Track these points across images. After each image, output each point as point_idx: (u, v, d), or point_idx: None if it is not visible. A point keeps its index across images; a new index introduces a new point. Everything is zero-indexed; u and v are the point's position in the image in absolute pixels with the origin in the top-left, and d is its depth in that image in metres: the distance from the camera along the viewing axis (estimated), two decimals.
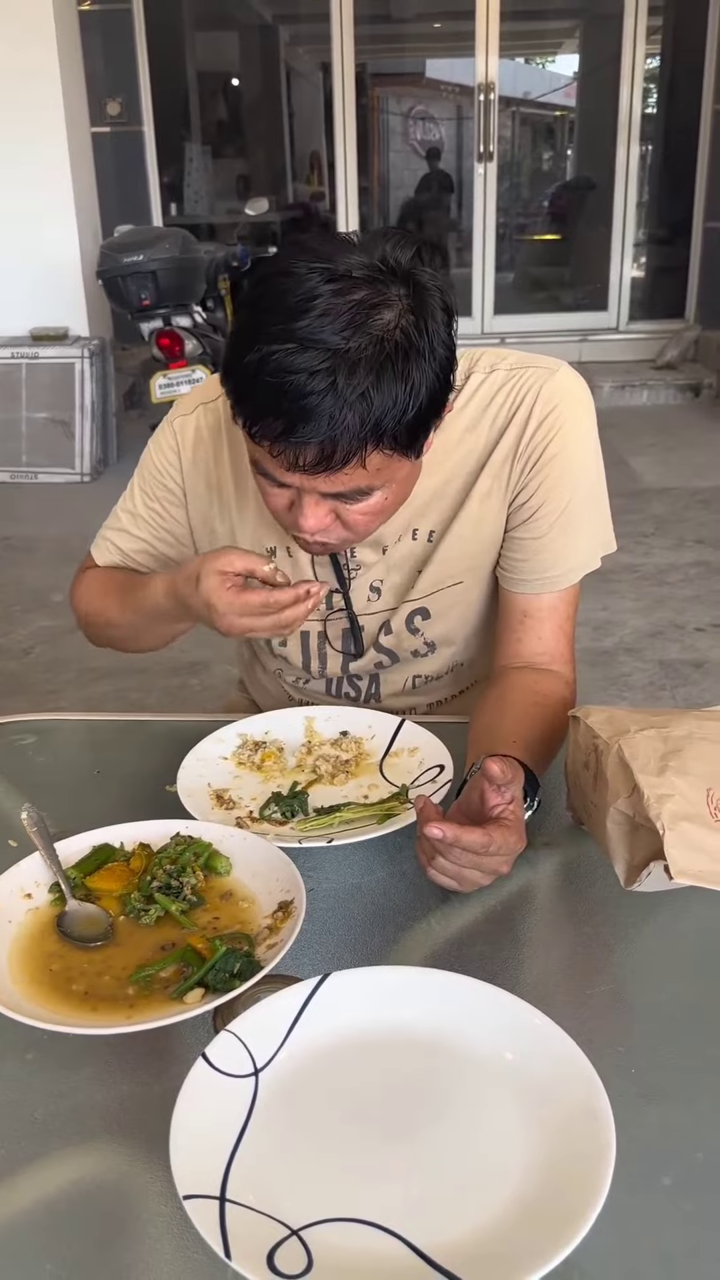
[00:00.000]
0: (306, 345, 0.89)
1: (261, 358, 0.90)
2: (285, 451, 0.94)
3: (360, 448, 0.93)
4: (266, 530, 1.23)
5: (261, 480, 1.03)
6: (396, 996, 0.80)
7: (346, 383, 0.89)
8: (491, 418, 1.16)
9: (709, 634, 3.44)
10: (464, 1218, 0.65)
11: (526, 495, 1.16)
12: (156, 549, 1.30)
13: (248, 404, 0.94)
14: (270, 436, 0.93)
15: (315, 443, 0.92)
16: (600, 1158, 0.65)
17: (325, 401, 0.89)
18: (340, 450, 0.92)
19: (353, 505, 1.01)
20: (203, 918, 0.91)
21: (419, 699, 1.34)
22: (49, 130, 5.34)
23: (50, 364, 5.23)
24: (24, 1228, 0.68)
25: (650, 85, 6.85)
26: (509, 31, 6.57)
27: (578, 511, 1.17)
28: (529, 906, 0.97)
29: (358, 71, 6.60)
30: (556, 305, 7.81)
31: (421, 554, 1.21)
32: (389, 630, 1.26)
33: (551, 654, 1.20)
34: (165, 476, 1.25)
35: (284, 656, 1.30)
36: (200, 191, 7.38)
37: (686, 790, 0.87)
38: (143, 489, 1.28)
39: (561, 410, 1.14)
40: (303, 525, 1.02)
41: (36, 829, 0.98)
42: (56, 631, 3.53)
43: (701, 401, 6.16)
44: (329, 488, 0.98)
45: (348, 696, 1.34)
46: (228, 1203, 0.65)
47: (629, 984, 0.89)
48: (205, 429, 1.23)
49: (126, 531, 1.30)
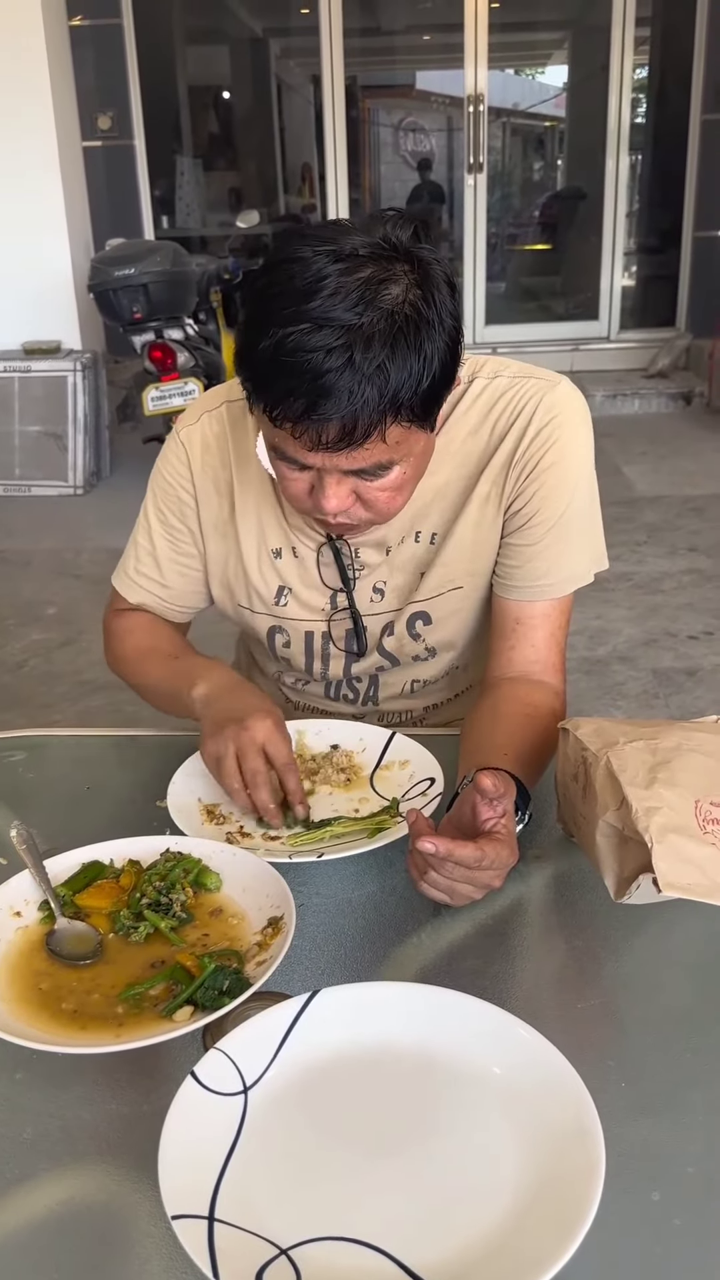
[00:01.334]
0: (320, 324, 0.91)
1: (277, 341, 0.92)
2: (307, 431, 0.95)
3: (380, 421, 0.94)
4: (272, 532, 1.24)
5: (281, 466, 1.04)
6: (387, 1012, 0.79)
7: (363, 357, 0.91)
8: (492, 423, 1.17)
9: (702, 642, 3.44)
10: (453, 1235, 0.65)
11: (522, 503, 1.18)
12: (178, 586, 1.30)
13: (267, 388, 0.95)
14: (292, 418, 0.94)
15: (336, 419, 0.93)
16: (590, 1174, 0.65)
17: (344, 378, 0.91)
18: (361, 425, 0.93)
19: (373, 482, 1.02)
20: (192, 935, 0.91)
21: (416, 702, 1.35)
22: (40, 144, 5.36)
23: (43, 377, 5.23)
24: (12, 1249, 0.68)
25: (639, 95, 6.87)
26: (498, 43, 6.61)
27: (572, 522, 1.18)
28: (520, 920, 0.97)
29: (348, 84, 6.64)
30: (548, 315, 7.84)
31: (424, 557, 1.22)
32: (391, 632, 1.26)
33: (543, 663, 1.20)
34: (178, 489, 1.26)
35: (286, 659, 1.31)
36: (191, 204, 7.40)
37: (675, 802, 0.88)
38: (156, 509, 1.28)
39: (560, 421, 1.16)
40: (325, 506, 1.02)
41: (26, 846, 0.98)
42: (50, 645, 3.53)
43: (693, 410, 6.18)
44: (350, 464, 0.98)
45: (345, 699, 1.34)
46: (216, 1222, 0.65)
47: (619, 997, 0.89)
48: (211, 436, 1.24)
49: (149, 577, 1.30)
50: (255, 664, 1.43)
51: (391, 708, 1.34)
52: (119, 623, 1.34)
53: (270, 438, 1.02)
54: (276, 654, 1.31)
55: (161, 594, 1.30)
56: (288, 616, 1.27)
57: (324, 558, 1.23)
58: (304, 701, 1.38)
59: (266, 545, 1.24)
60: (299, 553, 1.24)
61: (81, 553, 4.33)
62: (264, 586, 1.26)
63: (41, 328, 5.43)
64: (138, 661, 1.30)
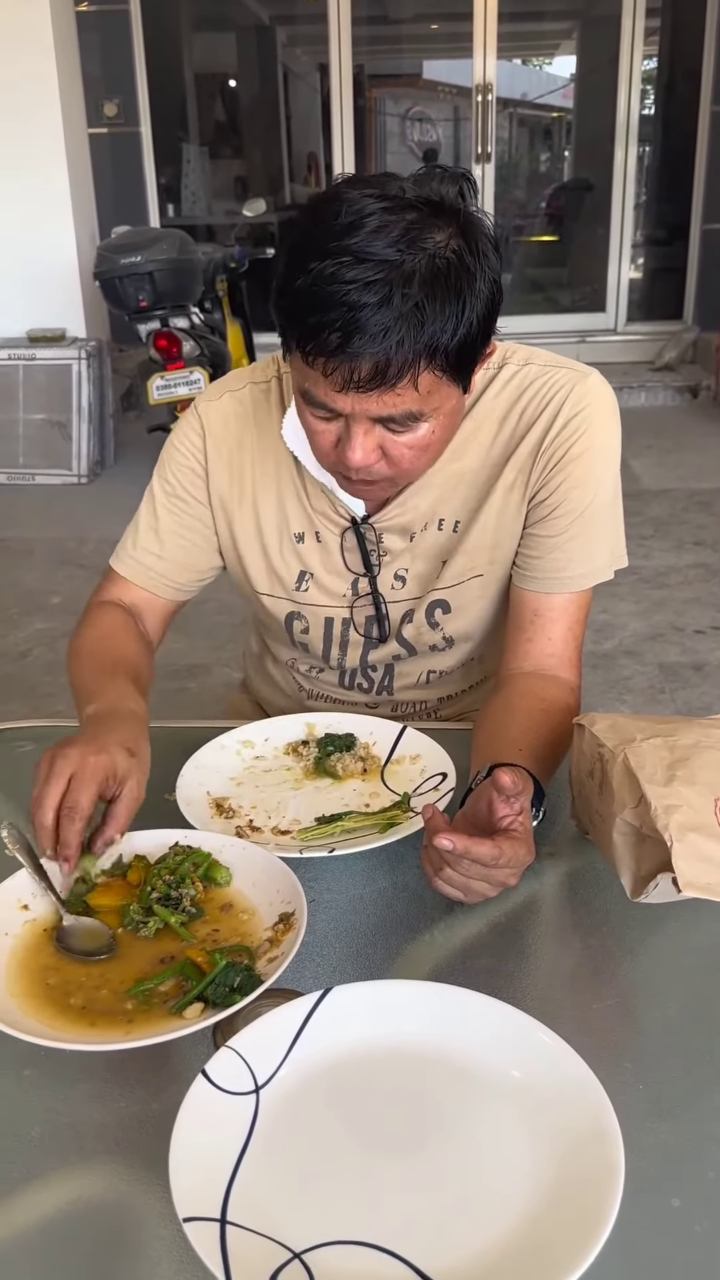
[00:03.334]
0: (360, 258, 0.89)
1: (315, 274, 0.91)
2: (340, 368, 0.93)
3: (413, 363, 0.93)
4: (295, 516, 1.22)
5: (310, 417, 1.02)
6: (400, 1011, 0.78)
7: (401, 295, 0.90)
8: (520, 411, 1.16)
9: (709, 636, 3.42)
10: (469, 1240, 0.64)
11: (547, 493, 1.16)
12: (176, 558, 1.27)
13: (300, 321, 0.93)
14: (324, 353, 0.92)
15: (369, 356, 0.91)
16: (609, 1179, 0.64)
17: (380, 314, 0.90)
18: (394, 365, 0.92)
19: (401, 436, 1.00)
20: (202, 930, 0.90)
21: (430, 693, 1.34)
22: (46, 131, 5.33)
23: (47, 365, 5.21)
24: (19, 1249, 0.67)
25: (648, 87, 6.83)
26: (506, 33, 6.56)
27: (595, 516, 1.17)
28: (534, 918, 0.96)
29: (355, 73, 6.59)
30: (554, 306, 7.80)
31: (446, 544, 1.21)
32: (410, 620, 1.25)
33: (559, 657, 1.19)
34: (190, 459, 1.24)
35: (304, 644, 1.30)
36: (197, 193, 7.36)
37: (694, 800, 0.86)
38: (163, 480, 1.25)
39: (589, 413, 1.14)
40: (350, 458, 1.00)
41: (19, 846, 0.96)
42: (54, 634, 3.51)
43: (700, 403, 6.16)
44: (380, 409, 0.97)
45: (360, 688, 1.33)
46: (229, 1225, 0.64)
47: (636, 997, 0.87)
48: (231, 416, 1.23)
49: (147, 550, 1.26)
50: (268, 651, 1.42)
51: (406, 698, 1.33)
52: (94, 612, 1.28)
53: (301, 382, 1.00)
54: (294, 640, 1.30)
55: (157, 566, 1.27)
56: (308, 602, 1.25)
57: (348, 543, 1.22)
58: (318, 690, 1.37)
59: (289, 529, 1.23)
60: (322, 537, 1.22)
61: (85, 542, 4.31)
62: (285, 571, 1.24)
63: (46, 315, 5.41)
64: (80, 657, 1.23)
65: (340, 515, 1.20)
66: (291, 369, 1.01)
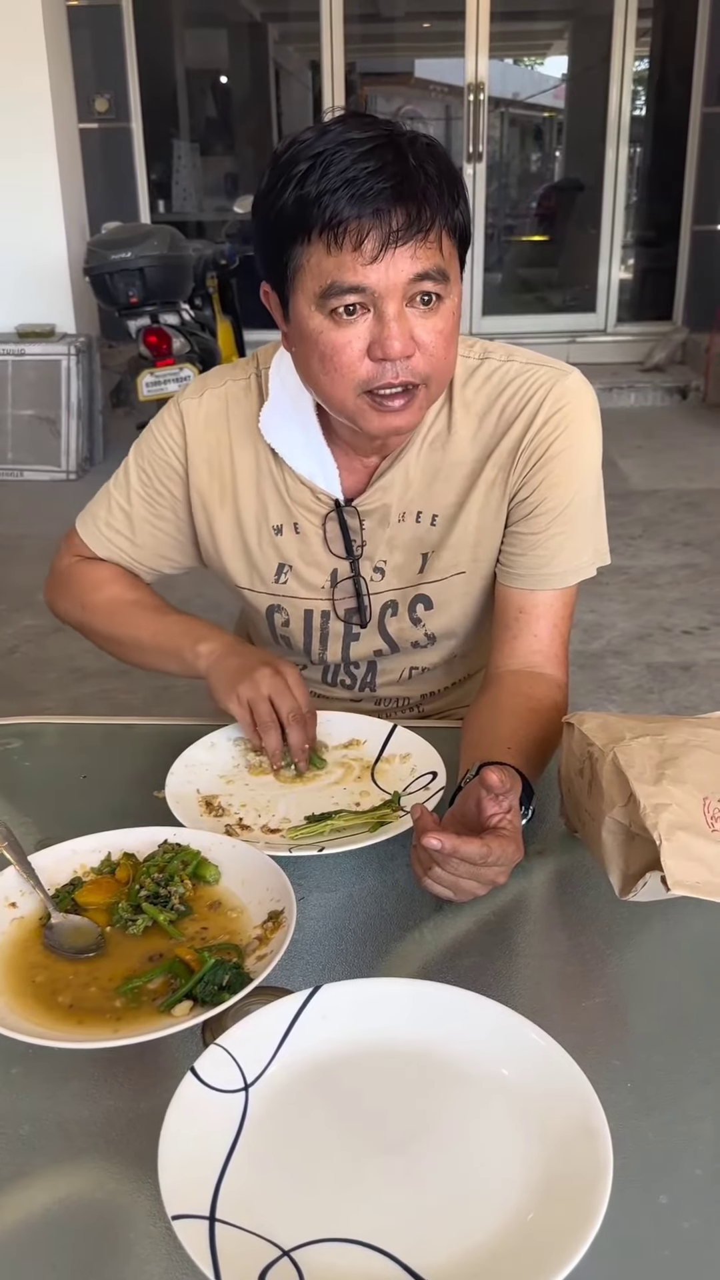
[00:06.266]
0: (357, 135, 0.95)
1: (320, 155, 0.94)
2: (375, 227, 0.95)
3: (438, 209, 0.97)
4: (274, 508, 1.22)
5: (335, 331, 1.01)
6: (389, 1009, 0.78)
7: (410, 152, 0.96)
8: (501, 407, 1.16)
9: (696, 636, 3.44)
10: (459, 1238, 0.64)
11: (528, 491, 1.17)
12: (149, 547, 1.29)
13: (316, 202, 0.95)
14: (355, 211, 0.94)
15: (401, 204, 0.95)
16: (598, 1177, 0.64)
17: (398, 158, 0.95)
18: (427, 208, 0.96)
19: (429, 320, 1.01)
20: (191, 928, 0.90)
21: (413, 689, 1.34)
22: (36, 126, 5.30)
23: (36, 361, 5.19)
24: (8, 1247, 0.67)
25: (639, 87, 6.84)
26: (498, 32, 6.56)
27: (577, 513, 1.18)
28: (523, 916, 0.96)
29: (347, 70, 6.59)
30: (545, 306, 7.81)
31: (425, 538, 1.21)
32: (394, 613, 1.26)
33: (545, 654, 1.19)
34: (169, 454, 1.24)
35: (286, 638, 1.30)
36: (188, 189, 7.34)
37: (683, 799, 0.86)
38: (139, 470, 1.26)
39: (570, 411, 1.15)
40: (390, 347, 0.99)
41: (6, 844, 0.95)
42: (42, 631, 3.50)
43: (689, 404, 6.18)
44: (414, 265, 0.97)
45: (343, 684, 1.34)
46: (218, 1222, 0.64)
47: (624, 995, 0.88)
48: (213, 413, 1.23)
49: (120, 533, 1.29)
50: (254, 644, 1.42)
51: (388, 694, 1.34)
52: (86, 571, 1.31)
53: (322, 282, 0.99)
54: (276, 634, 1.30)
55: (131, 552, 1.29)
56: (287, 594, 1.26)
57: (330, 530, 1.22)
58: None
59: (268, 522, 1.23)
60: (301, 528, 1.22)
61: None
62: (264, 564, 1.25)
63: (36, 311, 5.39)
64: (120, 613, 1.27)
65: (321, 501, 1.21)
66: (307, 279, 1.00)
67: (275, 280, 1.05)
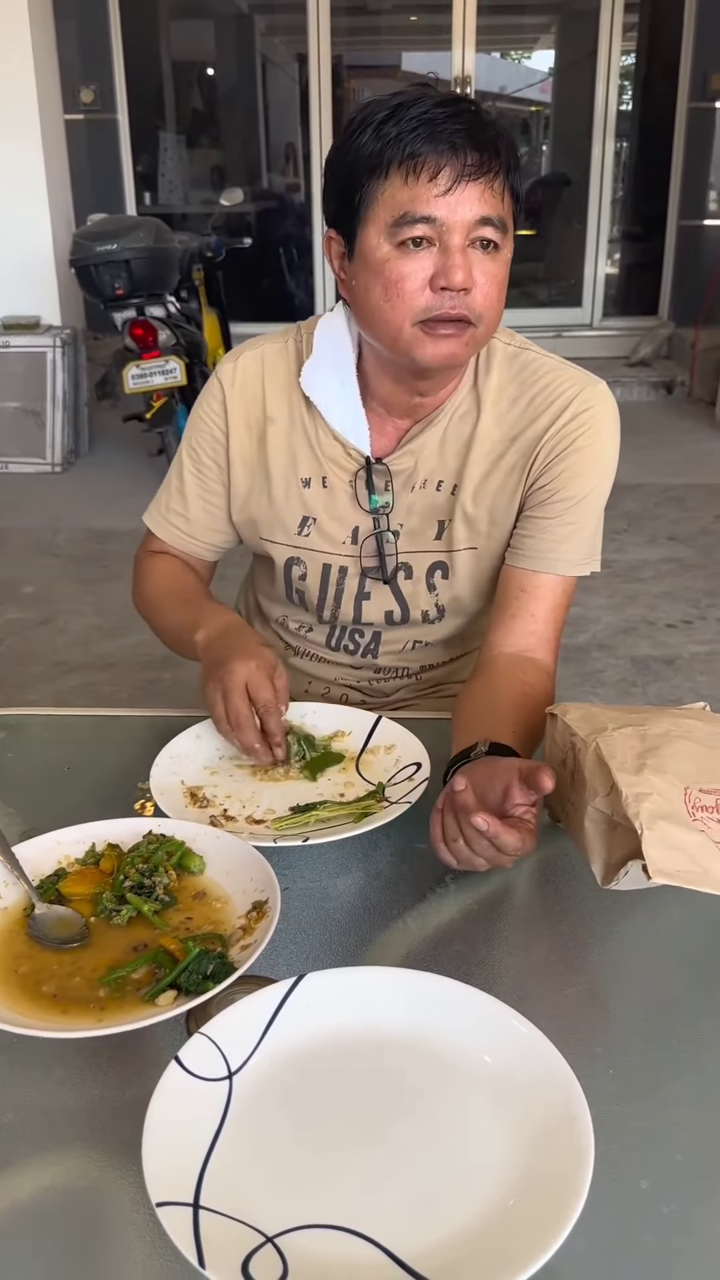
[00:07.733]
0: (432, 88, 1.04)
1: (397, 105, 1.03)
2: (451, 161, 1.02)
3: (505, 160, 1.05)
4: (304, 461, 1.26)
5: (398, 259, 1.06)
6: (373, 998, 0.79)
7: (482, 110, 1.05)
8: (531, 397, 1.21)
9: (680, 630, 3.45)
10: (442, 1223, 0.64)
11: (547, 479, 1.21)
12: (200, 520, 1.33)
13: (395, 140, 1.03)
14: (432, 147, 1.02)
15: (475, 146, 1.02)
16: (579, 1163, 0.65)
17: (470, 110, 1.04)
18: (500, 154, 1.04)
19: (487, 263, 1.07)
20: (175, 918, 0.90)
21: (413, 660, 1.37)
22: (21, 117, 5.28)
23: (21, 353, 5.16)
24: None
25: (626, 82, 6.84)
26: (485, 26, 6.56)
27: (589, 509, 1.23)
28: (506, 905, 0.97)
29: (333, 63, 6.57)
30: (530, 301, 7.80)
31: (440, 505, 1.25)
32: (410, 575, 1.28)
33: (540, 636, 1.22)
34: (211, 425, 1.28)
35: (300, 593, 1.33)
36: (174, 181, 7.31)
37: (664, 789, 0.87)
38: (190, 447, 1.30)
39: (596, 413, 1.21)
40: (453, 277, 1.05)
41: None
42: (27, 624, 3.49)
43: (674, 399, 6.19)
44: (481, 207, 1.04)
45: (346, 650, 1.37)
46: (201, 1209, 0.64)
47: (606, 983, 0.88)
48: (249, 375, 1.26)
49: (175, 511, 1.33)
50: (259, 610, 1.45)
51: (388, 663, 1.37)
52: (148, 563, 1.38)
53: (394, 214, 1.05)
54: (292, 589, 1.33)
55: (187, 529, 1.33)
56: (308, 547, 1.28)
57: (358, 487, 1.25)
58: (305, 649, 1.40)
59: (296, 474, 1.26)
60: (329, 482, 1.25)
61: (59, 531, 4.29)
62: (289, 515, 1.27)
63: (21, 302, 5.36)
64: (157, 603, 1.33)
65: (352, 457, 1.24)
66: (380, 211, 1.06)
67: (344, 220, 1.10)
